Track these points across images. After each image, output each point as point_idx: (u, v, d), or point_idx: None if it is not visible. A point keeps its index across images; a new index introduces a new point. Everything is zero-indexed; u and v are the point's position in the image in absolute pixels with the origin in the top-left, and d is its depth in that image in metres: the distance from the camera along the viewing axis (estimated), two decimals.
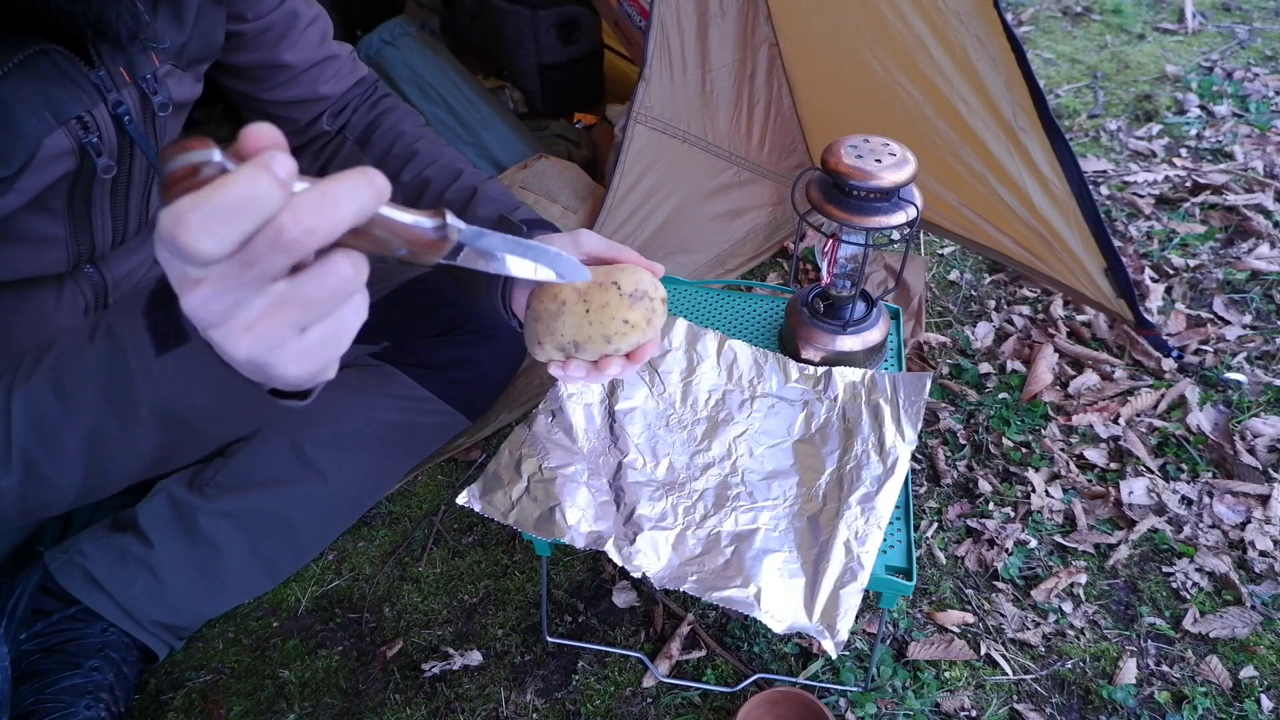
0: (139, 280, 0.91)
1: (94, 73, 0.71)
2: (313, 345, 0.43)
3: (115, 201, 0.81)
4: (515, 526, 0.78)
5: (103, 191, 0.78)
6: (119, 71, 0.73)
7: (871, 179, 0.80)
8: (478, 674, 1.02)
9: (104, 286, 0.86)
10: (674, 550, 0.76)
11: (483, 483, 0.82)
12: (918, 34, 1.17)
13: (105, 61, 0.71)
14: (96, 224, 0.80)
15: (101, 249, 0.83)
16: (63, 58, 0.68)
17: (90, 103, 0.71)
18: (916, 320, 1.44)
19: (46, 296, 0.82)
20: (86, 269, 0.84)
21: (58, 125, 0.69)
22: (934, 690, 0.98)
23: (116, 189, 0.80)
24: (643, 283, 0.68)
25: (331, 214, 0.38)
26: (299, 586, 1.12)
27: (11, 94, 0.65)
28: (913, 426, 0.85)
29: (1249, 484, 1.17)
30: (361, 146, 0.96)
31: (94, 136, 0.72)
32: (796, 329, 0.95)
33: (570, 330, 0.68)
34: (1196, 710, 0.95)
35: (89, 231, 0.80)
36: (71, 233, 0.79)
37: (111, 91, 0.72)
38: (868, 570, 0.73)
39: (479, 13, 1.97)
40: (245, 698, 1.01)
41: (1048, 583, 1.08)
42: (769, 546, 0.76)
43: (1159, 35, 2.37)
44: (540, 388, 1.28)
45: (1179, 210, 1.69)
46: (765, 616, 0.70)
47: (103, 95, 0.72)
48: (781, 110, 1.47)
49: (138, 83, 0.75)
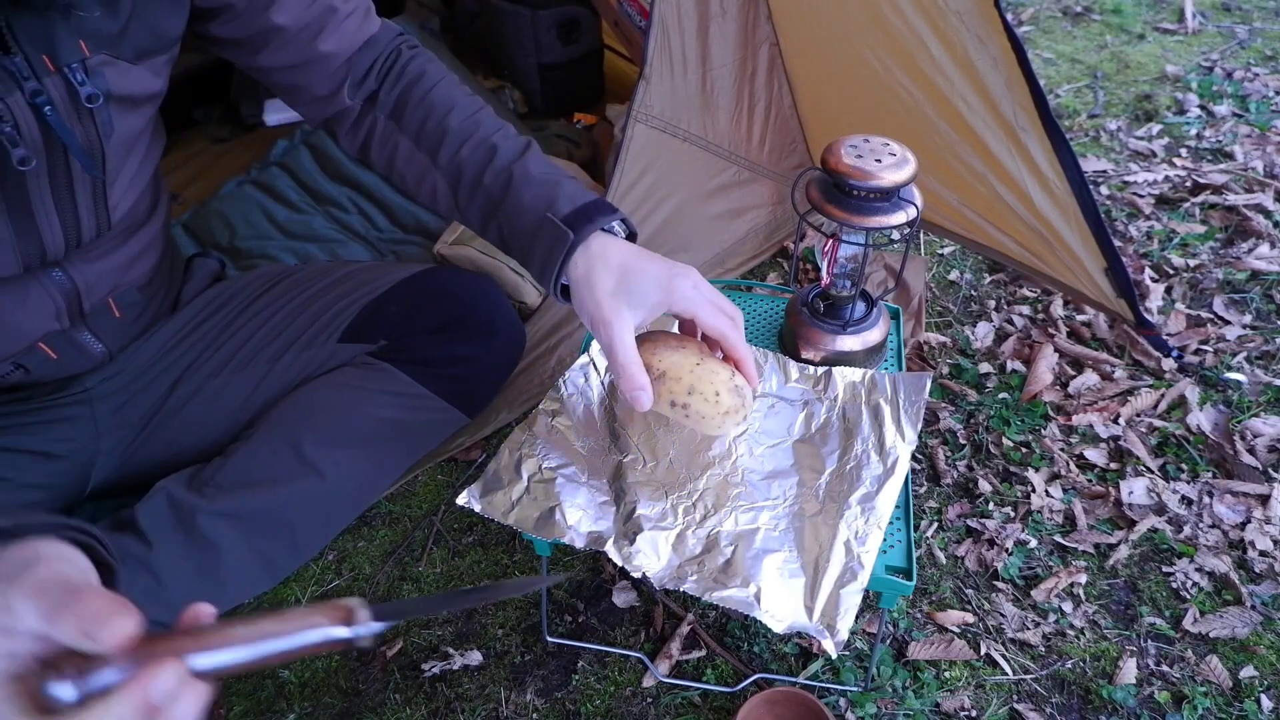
0: (113, 287, 0.88)
1: (9, 59, 0.67)
2: None
3: (59, 199, 0.77)
4: (515, 527, 0.78)
5: (40, 187, 0.75)
6: (40, 59, 0.69)
7: (872, 179, 0.80)
8: (478, 674, 1.02)
9: (75, 291, 0.84)
10: (674, 550, 0.76)
11: (482, 483, 0.82)
12: (918, 33, 1.17)
13: (23, 47, 0.67)
14: (42, 223, 0.76)
15: (54, 251, 0.79)
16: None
17: (4, 90, 0.67)
18: (916, 320, 1.44)
19: (11, 300, 0.79)
20: (53, 273, 0.81)
21: None
22: (934, 690, 0.98)
23: (57, 185, 0.76)
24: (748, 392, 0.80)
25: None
26: (299, 586, 1.12)
27: None
28: (913, 426, 0.85)
29: (1249, 484, 1.17)
30: (396, 123, 0.91)
31: (8, 126, 0.68)
32: (796, 329, 0.95)
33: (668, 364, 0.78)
34: (1196, 710, 0.95)
35: (34, 231, 0.76)
36: (15, 232, 0.75)
37: (29, 80, 0.68)
38: (868, 570, 0.73)
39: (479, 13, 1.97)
40: (245, 698, 1.01)
41: (1048, 583, 1.08)
42: (769, 546, 0.75)
43: (1159, 35, 2.37)
44: (540, 386, 1.28)
45: (1179, 210, 1.69)
46: (765, 616, 0.70)
47: (18, 83, 0.68)
48: (782, 110, 1.47)
49: (61, 71, 0.70)
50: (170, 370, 1.00)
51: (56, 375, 0.89)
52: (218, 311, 1.03)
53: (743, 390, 0.79)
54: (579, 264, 0.79)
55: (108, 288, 0.88)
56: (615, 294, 0.76)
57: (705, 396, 0.77)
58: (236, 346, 1.01)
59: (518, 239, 0.85)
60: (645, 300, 0.76)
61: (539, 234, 0.81)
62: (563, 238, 0.79)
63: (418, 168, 0.91)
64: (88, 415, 0.95)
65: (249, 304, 1.04)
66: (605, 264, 0.78)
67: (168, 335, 1.00)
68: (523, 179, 0.83)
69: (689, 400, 0.77)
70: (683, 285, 0.77)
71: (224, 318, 1.03)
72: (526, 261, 0.85)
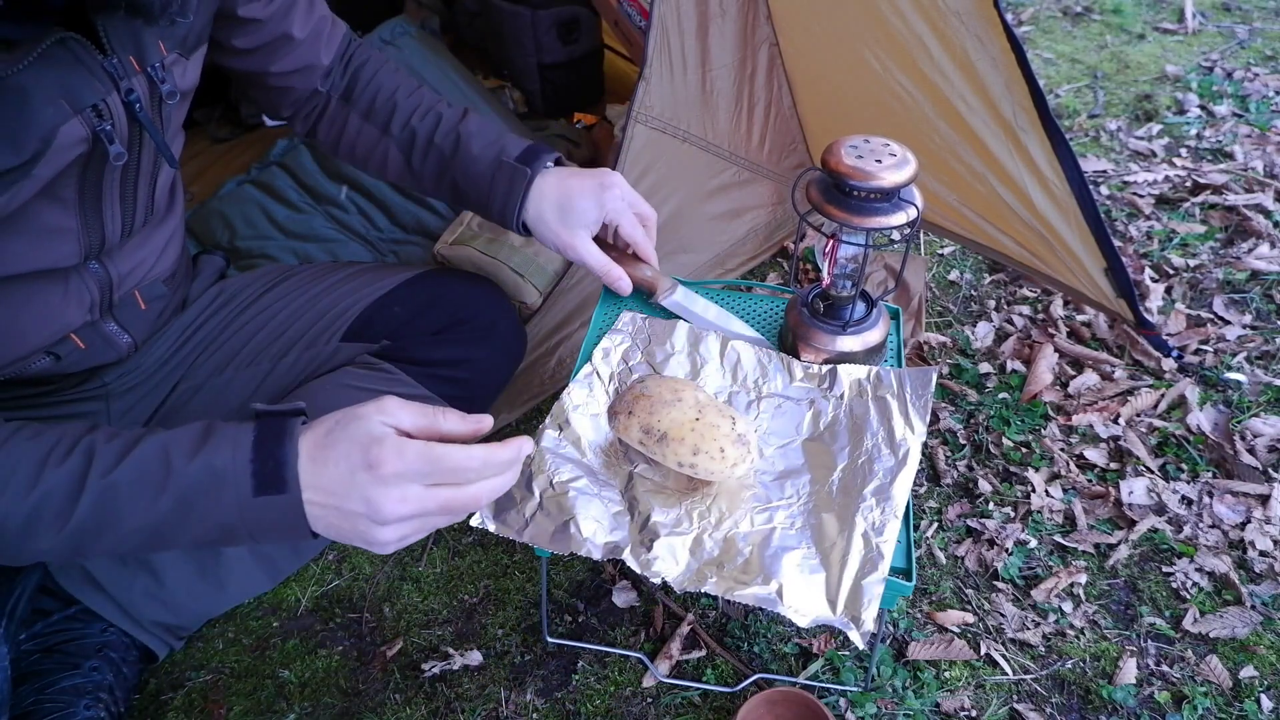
0: (141, 279, 0.91)
1: (107, 60, 0.71)
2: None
3: (125, 190, 0.81)
4: (531, 543, 0.77)
5: (113, 180, 0.79)
6: (129, 60, 0.73)
7: (872, 179, 0.80)
8: (478, 674, 1.02)
9: (109, 282, 0.86)
10: (691, 554, 0.76)
11: (494, 502, 0.81)
12: (918, 34, 1.17)
13: (117, 50, 0.72)
14: (106, 214, 0.81)
15: (111, 241, 0.83)
16: (79, 46, 0.68)
17: (104, 91, 0.72)
18: (916, 320, 1.44)
19: (54, 291, 0.82)
20: (92, 265, 0.84)
21: (74, 114, 0.70)
22: (934, 690, 0.98)
23: (126, 178, 0.80)
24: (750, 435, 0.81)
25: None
26: (299, 586, 1.12)
27: (32, 83, 0.66)
28: (921, 419, 0.85)
29: (1249, 484, 1.17)
30: (345, 101, 1.01)
31: (107, 124, 0.73)
32: (796, 329, 0.95)
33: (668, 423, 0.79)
34: (1196, 710, 0.95)
35: (99, 222, 0.81)
36: (82, 223, 0.79)
37: (124, 79, 0.73)
38: (888, 560, 0.73)
39: (479, 13, 1.97)
40: (245, 698, 1.01)
41: (1048, 583, 1.08)
42: (786, 544, 0.76)
43: (1159, 35, 2.37)
44: (540, 386, 1.28)
45: (1179, 210, 1.69)
46: (789, 611, 0.70)
47: (116, 83, 0.72)
48: (781, 110, 1.47)
49: (146, 71, 0.75)
50: (178, 367, 1.00)
51: (83, 366, 0.90)
52: (222, 309, 1.03)
53: (745, 437, 0.80)
54: (530, 206, 0.94)
55: (138, 279, 0.91)
56: (564, 220, 0.93)
57: (711, 455, 0.78)
58: (240, 344, 1.01)
59: (474, 185, 0.97)
60: (587, 218, 0.93)
61: (497, 176, 0.95)
62: (520, 174, 0.93)
63: (368, 140, 1.01)
64: (103, 411, 0.96)
65: (252, 302, 1.04)
66: (548, 199, 0.93)
67: (177, 332, 1.00)
68: (469, 135, 0.97)
69: (695, 460, 0.78)
70: (611, 197, 0.93)
71: (228, 315, 1.03)
72: (486, 203, 0.97)
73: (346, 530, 0.64)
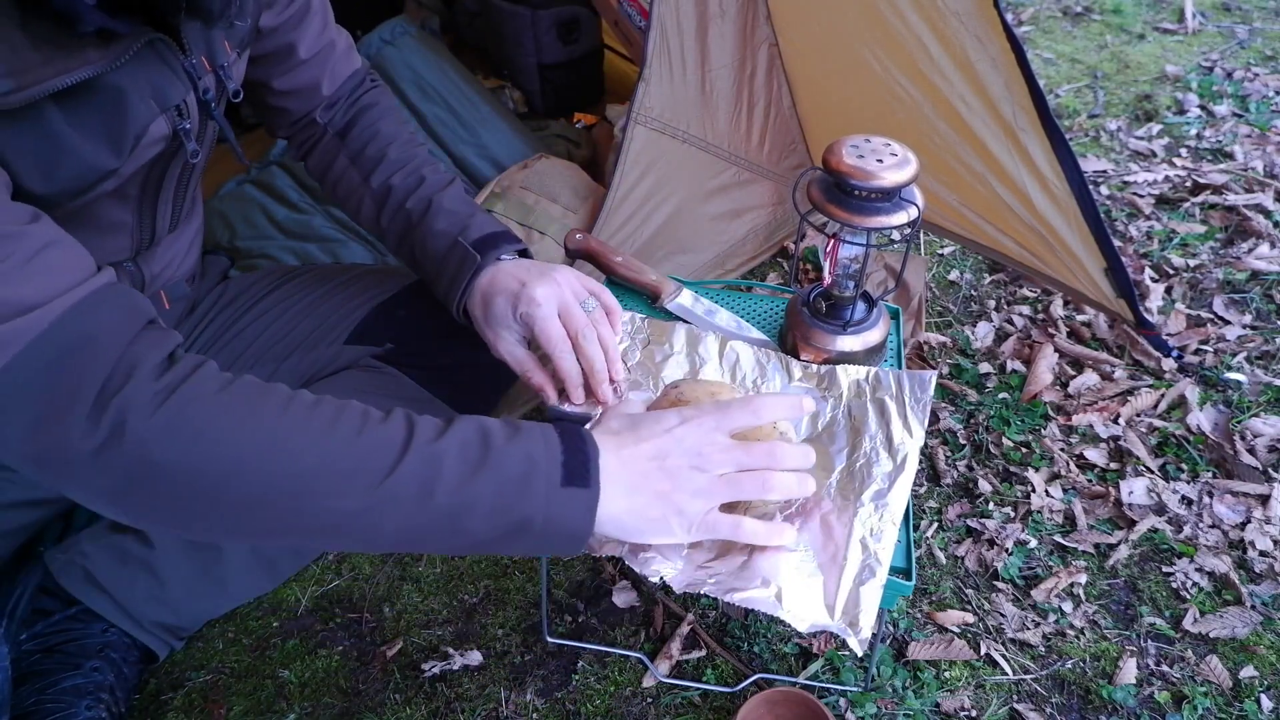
0: (169, 279, 0.93)
1: (187, 60, 0.73)
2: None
3: (179, 187, 0.83)
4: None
5: (173, 177, 0.81)
6: (201, 59, 0.75)
7: (873, 179, 0.80)
8: (478, 674, 1.02)
9: (141, 282, 0.88)
10: (689, 557, 0.76)
11: None
12: (918, 34, 1.17)
13: (193, 49, 0.73)
14: (160, 210, 0.83)
15: (160, 235, 0.85)
16: (165, 46, 0.70)
17: (185, 90, 0.73)
18: (916, 320, 1.44)
19: None
20: (128, 266, 0.85)
21: (160, 112, 0.71)
22: (934, 690, 0.98)
23: (184, 174, 0.82)
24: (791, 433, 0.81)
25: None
26: (299, 586, 1.12)
27: (128, 82, 0.67)
28: (920, 423, 0.85)
29: (1249, 484, 1.17)
30: (340, 139, 1.00)
31: (186, 123, 0.75)
32: (796, 329, 0.95)
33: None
34: (1196, 710, 0.95)
35: (153, 218, 0.83)
36: (138, 219, 0.81)
37: (201, 79, 0.75)
38: (885, 566, 0.73)
39: (479, 13, 1.97)
40: (245, 698, 1.01)
41: (1048, 583, 1.08)
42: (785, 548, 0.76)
43: (1159, 35, 2.37)
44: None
45: (1179, 210, 1.69)
46: (788, 616, 0.70)
47: (194, 83, 0.74)
48: (781, 110, 1.47)
49: (216, 70, 0.77)
50: None
51: None
52: (225, 309, 1.04)
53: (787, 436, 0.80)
54: (474, 294, 0.88)
55: (165, 279, 0.92)
56: (488, 321, 0.88)
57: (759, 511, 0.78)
58: (244, 345, 1.02)
59: (428, 260, 0.93)
60: (507, 321, 0.86)
61: (448, 256, 0.90)
62: (470, 260, 0.88)
63: (349, 183, 0.99)
64: None
65: (256, 303, 1.04)
66: (480, 291, 0.88)
67: (184, 333, 1.01)
68: (439, 207, 0.93)
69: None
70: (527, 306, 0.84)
71: (231, 316, 1.04)
72: (435, 281, 0.93)
73: (654, 514, 0.68)
